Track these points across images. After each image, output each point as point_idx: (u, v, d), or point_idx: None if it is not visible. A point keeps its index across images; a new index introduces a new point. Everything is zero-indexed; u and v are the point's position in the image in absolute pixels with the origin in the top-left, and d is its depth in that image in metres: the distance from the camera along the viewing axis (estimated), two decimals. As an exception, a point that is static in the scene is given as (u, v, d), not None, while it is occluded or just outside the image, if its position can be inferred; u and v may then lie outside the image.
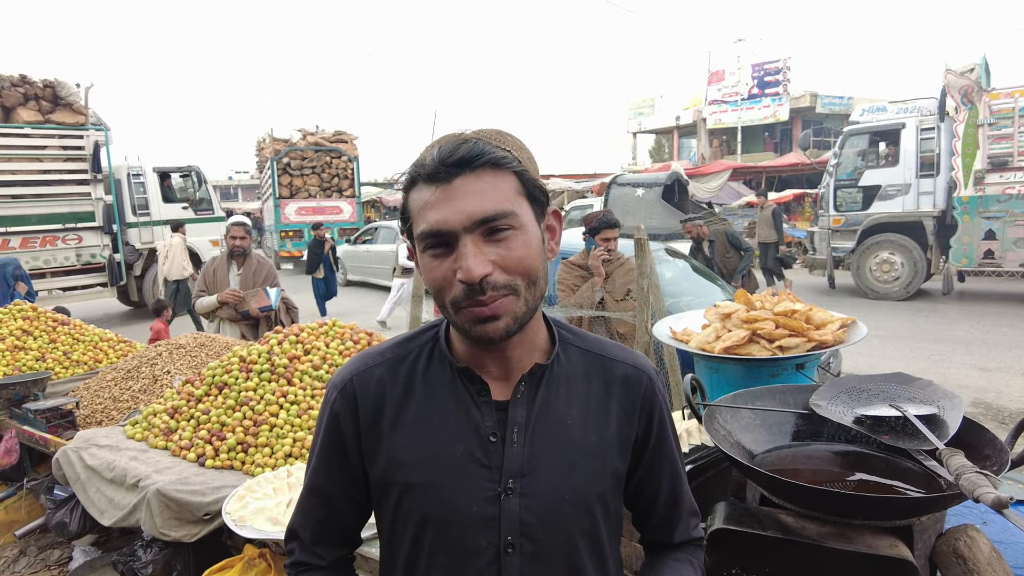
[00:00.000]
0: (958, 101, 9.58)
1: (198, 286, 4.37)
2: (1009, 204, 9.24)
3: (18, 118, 9.48)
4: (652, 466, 1.01)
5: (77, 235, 10.13)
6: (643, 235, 3.28)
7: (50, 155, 9.88)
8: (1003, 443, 1.22)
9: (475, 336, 0.85)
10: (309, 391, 2.51)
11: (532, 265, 0.85)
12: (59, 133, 9.87)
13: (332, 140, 18.32)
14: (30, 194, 9.68)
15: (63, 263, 10.02)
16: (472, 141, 0.83)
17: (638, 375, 0.99)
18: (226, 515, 1.86)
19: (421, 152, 0.88)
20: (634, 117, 31.73)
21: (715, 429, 1.40)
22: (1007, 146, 9.29)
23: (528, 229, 0.85)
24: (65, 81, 9.94)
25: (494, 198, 0.82)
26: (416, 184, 0.85)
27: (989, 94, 9.33)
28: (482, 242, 0.81)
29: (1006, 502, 0.94)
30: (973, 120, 9.46)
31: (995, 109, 9.32)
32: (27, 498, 3.15)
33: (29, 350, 3.63)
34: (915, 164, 10.33)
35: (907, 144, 10.43)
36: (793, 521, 1.20)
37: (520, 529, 0.88)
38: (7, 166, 9.47)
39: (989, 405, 5.45)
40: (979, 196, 9.48)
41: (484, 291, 0.81)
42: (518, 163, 0.85)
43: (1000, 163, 9.37)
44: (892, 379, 1.50)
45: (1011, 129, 9.19)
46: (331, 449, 0.97)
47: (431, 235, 0.82)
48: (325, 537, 1.01)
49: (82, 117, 10.08)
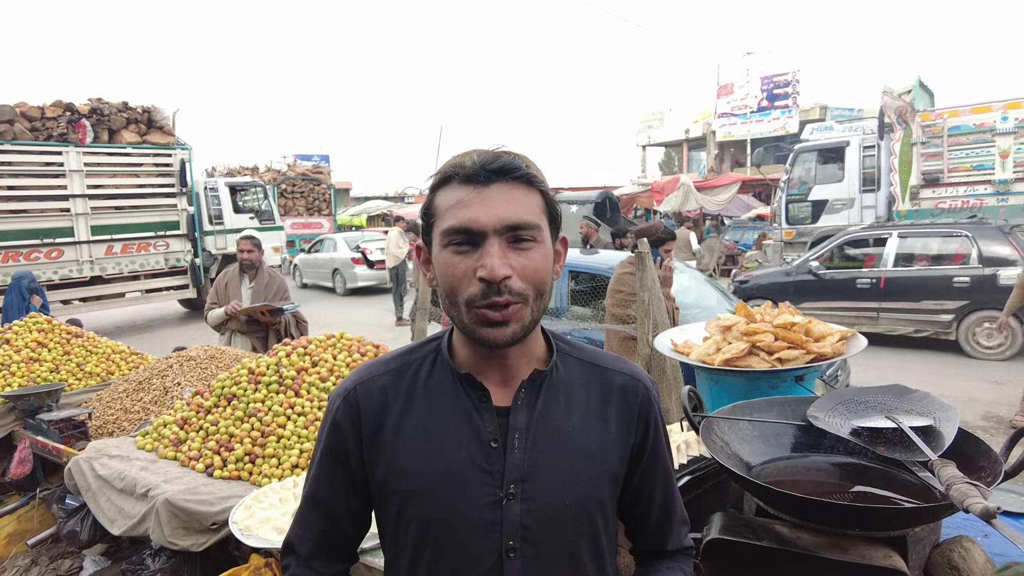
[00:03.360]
0: (894, 121, 10.39)
1: (210, 298, 4.44)
2: (942, 217, 9.81)
3: (121, 139, 10.82)
4: (647, 474, 1.02)
5: (165, 242, 11.48)
6: (644, 248, 3.30)
7: (146, 171, 11.30)
8: (998, 455, 1.23)
9: (481, 337, 0.87)
10: (316, 403, 2.54)
11: (545, 279, 0.89)
12: (153, 152, 11.23)
13: (312, 172, 23.35)
14: (129, 206, 11.04)
15: (154, 266, 11.40)
16: (511, 154, 0.88)
17: (635, 384, 1.01)
18: (233, 525, 1.89)
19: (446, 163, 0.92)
20: (643, 130, 31.76)
21: (712, 441, 1.42)
22: (938, 163, 10.03)
23: (546, 245, 0.90)
24: (159, 106, 11.33)
25: (525, 209, 0.87)
26: (449, 183, 0.89)
27: (921, 115, 10.10)
28: (507, 247, 0.86)
29: (994, 512, 0.95)
30: (908, 139, 10.21)
31: (926, 129, 10.06)
32: (39, 508, 3.19)
33: (44, 362, 3.70)
34: (858, 180, 11.19)
35: (851, 161, 11.29)
36: (788, 532, 1.21)
37: (522, 534, 0.89)
38: (113, 181, 10.85)
39: (1001, 419, 5.40)
40: (915, 210, 10.26)
41: (501, 293, 0.84)
42: (545, 185, 0.91)
43: (932, 179, 10.12)
44: (890, 391, 1.51)
45: (940, 148, 9.97)
46: (332, 458, 0.98)
47: (460, 231, 0.86)
48: (323, 550, 1.01)
49: (172, 138, 11.43)
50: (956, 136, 9.91)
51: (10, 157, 9.60)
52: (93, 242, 10.47)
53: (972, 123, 9.77)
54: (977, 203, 9.78)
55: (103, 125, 10.59)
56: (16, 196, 9.82)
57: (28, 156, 9.81)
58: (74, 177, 10.20)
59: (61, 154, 10.05)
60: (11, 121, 9.59)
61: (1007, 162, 9.49)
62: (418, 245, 0.95)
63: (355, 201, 33.39)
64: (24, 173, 9.87)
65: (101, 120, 10.55)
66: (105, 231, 10.63)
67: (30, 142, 9.79)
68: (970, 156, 9.82)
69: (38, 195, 10.03)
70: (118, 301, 11.36)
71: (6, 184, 9.69)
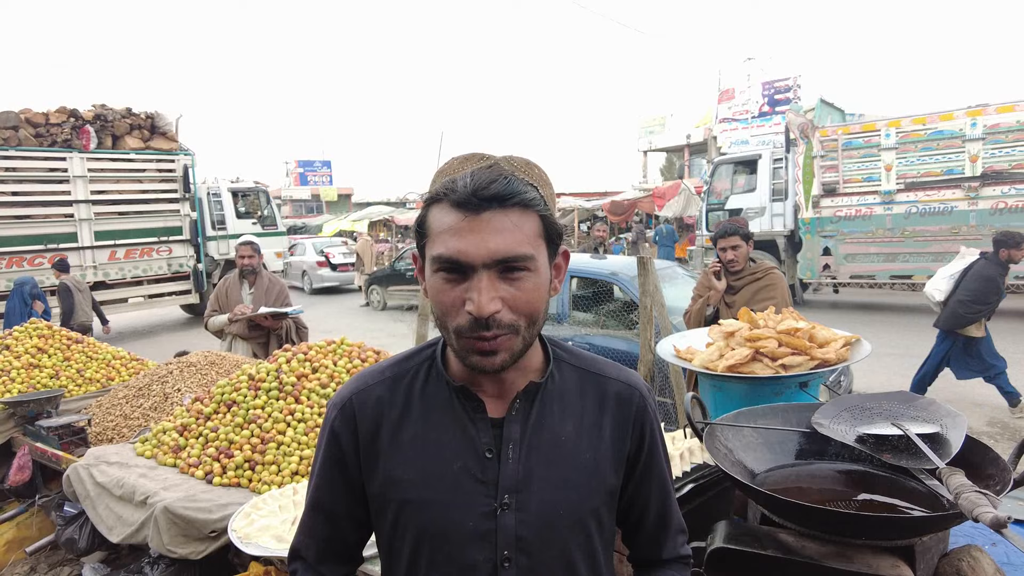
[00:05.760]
0: (798, 136, 11.31)
1: (211, 305, 4.43)
2: (839, 225, 11.01)
3: (124, 145, 10.95)
4: (643, 482, 1.02)
5: (168, 247, 11.59)
6: (647, 254, 3.28)
7: (149, 177, 11.36)
8: (1006, 462, 1.21)
9: (471, 364, 0.87)
10: (316, 409, 2.52)
11: (537, 308, 0.87)
12: (157, 158, 11.31)
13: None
14: (133, 211, 11.14)
15: (157, 272, 11.53)
16: (506, 178, 0.84)
17: (630, 392, 1.00)
18: (232, 532, 1.87)
19: (446, 165, 0.90)
20: (644, 135, 31.78)
21: (716, 448, 1.40)
22: (835, 175, 10.99)
23: (541, 272, 0.87)
24: (162, 112, 11.67)
25: (517, 239, 0.83)
26: (441, 203, 0.85)
27: (820, 131, 11.06)
28: (497, 278, 0.83)
29: (1004, 521, 0.93)
30: (809, 153, 11.18)
31: (824, 144, 11.02)
32: (38, 515, 3.18)
33: (44, 368, 3.69)
34: (769, 190, 12.08)
35: (763, 173, 12.23)
36: (793, 540, 1.19)
37: (516, 544, 0.89)
38: (116, 186, 10.93)
39: (1006, 425, 5.36)
40: (817, 218, 11.23)
41: (489, 327, 0.82)
42: (544, 206, 0.87)
43: (830, 189, 11.06)
44: (895, 397, 1.49)
45: (836, 161, 10.92)
46: (332, 466, 0.98)
47: (448, 261, 0.83)
48: (329, 555, 1.02)
49: (175, 144, 11.57)
50: (849, 151, 10.84)
51: (15, 163, 9.69)
52: (97, 247, 10.57)
53: (862, 139, 10.70)
54: (868, 212, 10.66)
55: (107, 131, 10.70)
56: (21, 202, 9.91)
57: (33, 162, 9.90)
58: (78, 183, 10.30)
59: (65, 160, 10.14)
60: (16, 127, 9.69)
61: (891, 175, 10.40)
62: (414, 254, 0.94)
63: (357, 207, 33.49)
64: (29, 179, 9.95)
65: (105, 126, 10.66)
66: (108, 236, 10.77)
67: (35, 148, 9.88)
68: (861, 169, 10.75)
69: (42, 200, 10.12)
70: (121, 306, 11.43)
71: (11, 190, 9.77)
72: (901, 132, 10.26)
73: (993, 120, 9.46)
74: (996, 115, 9.45)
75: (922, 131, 10.08)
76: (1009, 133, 9.38)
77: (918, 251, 10.28)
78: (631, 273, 5.09)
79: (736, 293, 3.39)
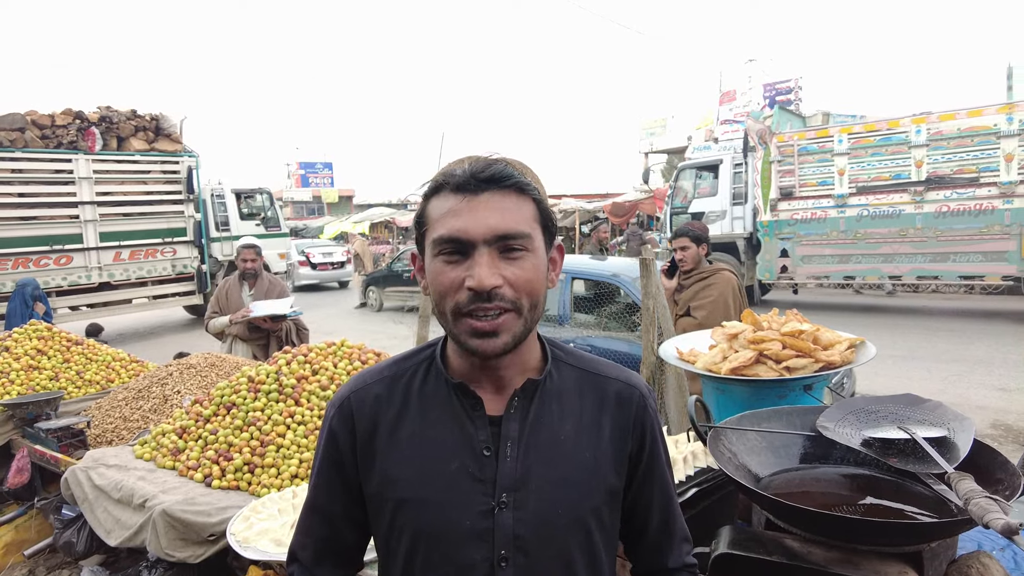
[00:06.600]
0: (756, 142, 11.71)
1: (211, 307, 4.42)
2: (796, 227, 11.41)
3: (129, 147, 10.97)
4: (644, 485, 1.01)
5: (172, 248, 11.60)
6: (649, 255, 3.27)
7: (153, 178, 11.40)
8: (1015, 467, 1.20)
9: (471, 348, 0.87)
10: (316, 411, 2.51)
11: (538, 288, 0.88)
12: (161, 159, 11.34)
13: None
14: (137, 212, 11.18)
15: (161, 273, 11.53)
16: (502, 163, 0.88)
17: (630, 392, 0.99)
18: (231, 536, 1.86)
19: (445, 167, 0.91)
20: (646, 137, 31.78)
21: (720, 451, 1.38)
22: (792, 179, 11.38)
23: (539, 254, 0.89)
24: (166, 114, 11.49)
25: (516, 218, 0.86)
26: (441, 192, 0.88)
27: (777, 136, 11.43)
28: (497, 257, 0.85)
29: (1016, 528, 0.91)
30: (767, 158, 11.55)
31: (781, 149, 11.39)
32: (37, 518, 3.16)
33: (43, 369, 3.68)
34: (729, 194, 12.43)
35: (724, 177, 12.59)
36: (799, 546, 1.18)
37: (514, 543, 0.89)
38: (121, 188, 10.96)
39: (1010, 427, 5.33)
40: (775, 221, 11.58)
41: (491, 299, 0.83)
42: (538, 193, 0.91)
43: (787, 193, 11.43)
44: (901, 400, 1.47)
45: (793, 166, 11.31)
46: (331, 467, 0.98)
47: (449, 240, 0.85)
48: (326, 557, 1.01)
49: (179, 145, 11.59)
50: (804, 156, 11.21)
51: (21, 164, 9.73)
52: (101, 248, 10.60)
53: (817, 145, 11.08)
54: (822, 215, 11.07)
55: (112, 133, 10.73)
56: (27, 203, 9.95)
57: (39, 164, 9.93)
58: (83, 184, 10.33)
59: (71, 161, 10.17)
60: (22, 129, 9.72)
61: (844, 179, 10.80)
62: (413, 253, 0.94)
63: (358, 208, 33.52)
64: (35, 180, 9.99)
65: (110, 128, 10.69)
66: (113, 238, 10.81)
67: (41, 150, 9.92)
68: (816, 173, 11.14)
69: (48, 202, 10.16)
70: (125, 307, 11.45)
71: (17, 191, 9.81)
72: (853, 137, 10.69)
73: (936, 127, 9.86)
74: (939, 122, 9.85)
75: (872, 137, 10.50)
76: (951, 140, 9.79)
77: (869, 252, 10.70)
78: (632, 274, 5.08)
79: (683, 291, 3.62)
